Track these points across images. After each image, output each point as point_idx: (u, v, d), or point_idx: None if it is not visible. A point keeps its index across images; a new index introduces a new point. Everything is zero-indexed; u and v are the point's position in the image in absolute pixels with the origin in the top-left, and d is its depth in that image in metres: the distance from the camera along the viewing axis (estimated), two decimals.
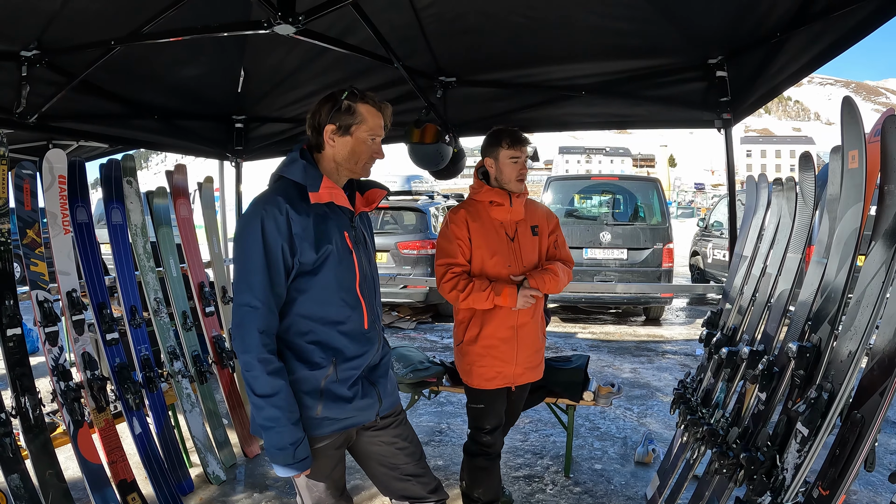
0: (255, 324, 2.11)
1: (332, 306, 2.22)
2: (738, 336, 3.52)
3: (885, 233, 2.25)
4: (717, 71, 3.89)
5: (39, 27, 3.28)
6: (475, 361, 3.29)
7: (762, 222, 3.66)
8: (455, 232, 3.27)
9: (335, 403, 2.23)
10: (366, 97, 2.23)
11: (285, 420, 2.11)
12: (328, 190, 2.20)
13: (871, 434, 2.13)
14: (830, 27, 3.01)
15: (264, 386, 2.10)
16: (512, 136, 3.24)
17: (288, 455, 2.13)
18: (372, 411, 2.35)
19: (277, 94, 4.73)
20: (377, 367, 2.39)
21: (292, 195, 2.18)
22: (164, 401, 3.99)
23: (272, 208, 2.12)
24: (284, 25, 2.84)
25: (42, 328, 3.28)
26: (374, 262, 2.46)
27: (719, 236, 11.89)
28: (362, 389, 2.30)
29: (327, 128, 2.21)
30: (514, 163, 3.23)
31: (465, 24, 3.84)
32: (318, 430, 2.24)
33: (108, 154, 5.87)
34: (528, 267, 3.29)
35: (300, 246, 2.13)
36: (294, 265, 2.15)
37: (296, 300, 2.20)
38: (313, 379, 2.20)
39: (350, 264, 2.25)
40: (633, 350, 8.32)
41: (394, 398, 2.48)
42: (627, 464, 4.51)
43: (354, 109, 2.20)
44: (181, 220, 4.58)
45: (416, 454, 2.50)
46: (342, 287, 2.23)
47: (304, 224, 2.14)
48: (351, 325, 2.26)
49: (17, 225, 3.28)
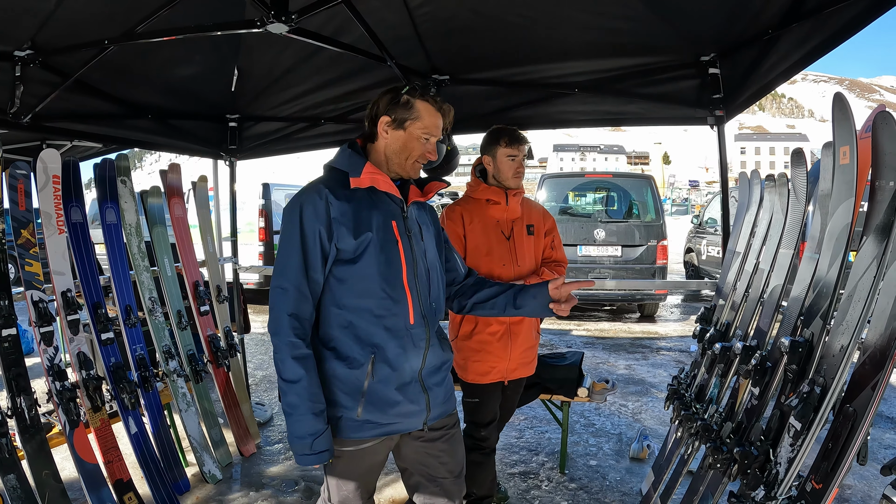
0: (285, 307, 2.10)
1: (372, 298, 2.16)
2: (732, 332, 3.54)
3: (876, 228, 2.26)
4: (709, 68, 3.90)
5: (33, 27, 3.27)
6: (469, 357, 3.31)
7: (755, 218, 3.67)
8: (450, 229, 3.29)
9: (377, 407, 2.17)
10: (427, 95, 2.22)
11: (305, 409, 2.08)
12: (370, 175, 2.17)
13: (864, 428, 2.14)
14: (822, 24, 3.02)
15: (288, 371, 2.09)
16: (510, 134, 3.29)
17: (305, 445, 2.10)
18: (418, 419, 2.26)
19: (271, 93, 4.72)
20: (434, 372, 2.29)
21: (335, 182, 2.19)
22: (160, 400, 3.99)
23: (313, 194, 2.13)
24: (277, 24, 2.85)
25: (37, 328, 3.27)
26: (435, 257, 2.37)
27: (713, 233, 11.92)
28: (410, 395, 2.22)
29: (382, 119, 2.22)
30: (512, 160, 3.28)
31: (458, 23, 3.84)
32: (359, 433, 2.19)
33: (102, 154, 5.87)
34: (522, 266, 3.31)
35: (337, 231, 2.11)
36: (332, 251, 2.13)
37: (336, 290, 2.17)
38: (354, 379, 2.15)
39: (396, 255, 2.18)
40: (628, 347, 8.34)
41: (446, 408, 2.37)
42: (622, 460, 4.54)
43: (412, 105, 2.20)
44: (175, 219, 4.58)
45: (456, 470, 2.43)
46: (384, 278, 2.16)
47: (344, 209, 2.12)
48: (393, 319, 2.18)
49: (12, 225, 3.27)
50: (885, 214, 2.23)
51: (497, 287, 2.50)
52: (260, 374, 6.90)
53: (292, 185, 12.41)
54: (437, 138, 2.26)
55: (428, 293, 2.28)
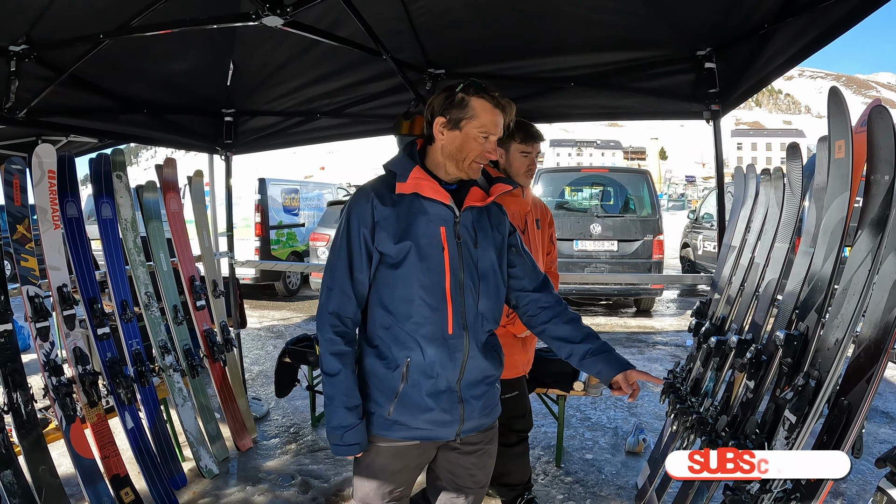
0: (329, 305, 2.15)
1: (410, 304, 2.14)
2: (727, 325, 3.55)
3: (871, 222, 2.27)
4: (705, 63, 3.90)
5: (28, 22, 3.26)
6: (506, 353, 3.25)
7: (750, 213, 3.68)
8: None
9: (408, 409, 2.17)
10: (483, 92, 2.13)
11: (339, 402, 2.12)
12: (415, 180, 2.14)
13: (858, 420, 2.15)
14: (817, 19, 3.03)
15: (327, 365, 2.14)
16: (525, 130, 3.19)
17: (337, 436, 2.14)
18: (450, 430, 2.23)
19: (267, 88, 4.71)
20: (474, 385, 2.24)
21: (384, 185, 2.18)
22: (156, 395, 3.98)
23: (361, 197, 2.15)
24: (272, 17, 2.85)
25: (33, 324, 3.27)
26: (489, 262, 2.26)
27: (709, 228, 11.95)
28: (445, 404, 2.19)
29: (437, 120, 2.16)
30: (525, 157, 3.21)
31: (453, 17, 3.84)
32: (389, 433, 2.20)
33: (98, 149, 5.84)
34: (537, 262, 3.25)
35: (378, 235, 2.12)
36: (375, 254, 2.14)
37: (381, 292, 2.17)
38: (390, 378, 2.16)
39: (439, 262, 2.14)
40: (624, 341, 8.36)
41: (483, 422, 2.32)
42: (618, 453, 4.55)
43: (467, 103, 2.12)
44: (171, 214, 4.57)
45: (483, 482, 2.43)
46: (422, 285, 2.13)
47: (387, 214, 2.12)
48: (431, 327, 2.14)
49: (7, 221, 3.26)
50: (880, 208, 2.24)
51: (574, 330, 2.35)
52: (256, 369, 6.90)
53: (288, 180, 12.42)
54: (498, 136, 2.17)
55: (475, 303, 2.22)
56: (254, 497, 3.89)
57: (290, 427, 5.06)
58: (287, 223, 11.80)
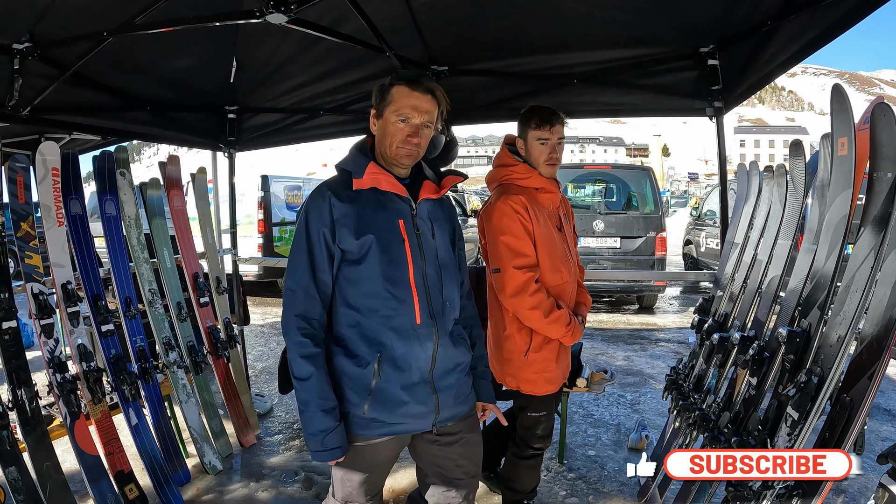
0: (293, 307, 2.15)
1: (377, 298, 2.16)
2: (730, 322, 3.55)
3: (873, 219, 2.28)
4: (708, 59, 3.90)
5: (31, 20, 3.26)
6: (544, 369, 3.08)
7: (753, 210, 3.68)
8: (524, 225, 2.93)
9: (383, 405, 2.18)
10: (402, 79, 2.18)
11: (315, 406, 2.12)
12: (372, 175, 2.17)
13: (861, 417, 2.16)
14: (820, 15, 3.03)
15: (298, 369, 2.13)
16: (540, 114, 2.99)
17: (317, 441, 2.13)
18: (426, 421, 2.25)
19: (270, 85, 4.72)
20: (446, 374, 2.27)
21: (340, 183, 2.20)
22: (160, 392, 3.99)
23: (317, 197, 2.16)
24: (276, 14, 2.85)
25: (37, 321, 3.28)
26: (448, 254, 2.33)
27: (712, 225, 11.92)
28: (419, 396, 2.21)
29: (371, 113, 2.24)
30: (543, 145, 2.99)
31: (456, 14, 3.84)
32: (365, 431, 2.20)
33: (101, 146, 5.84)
34: (574, 258, 3.17)
35: (339, 232, 2.13)
36: (336, 251, 2.16)
37: (345, 290, 2.19)
38: (361, 376, 2.16)
39: (401, 254, 2.17)
40: (627, 338, 8.36)
41: (459, 411, 2.34)
42: (621, 450, 4.55)
43: (387, 92, 2.19)
44: (175, 211, 4.58)
45: (472, 472, 2.43)
46: (388, 278, 2.15)
47: (346, 211, 2.14)
48: (399, 319, 2.17)
49: (11, 218, 3.27)
50: (883, 205, 2.24)
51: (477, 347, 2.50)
52: (260, 366, 6.92)
53: (291, 177, 12.40)
54: (419, 120, 2.17)
55: (439, 292, 2.25)
56: (257, 493, 3.90)
57: (293, 423, 5.07)
58: (290, 220, 11.79)
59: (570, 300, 3.14)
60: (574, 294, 3.20)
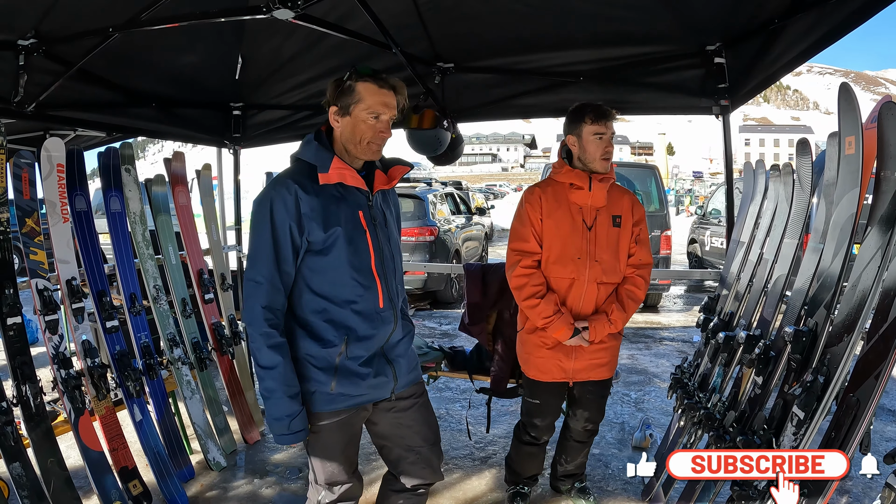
0: (258, 299, 2.20)
1: (344, 286, 2.26)
2: (735, 321, 3.54)
3: (881, 218, 2.26)
4: (714, 58, 3.89)
5: (37, 16, 3.26)
6: (532, 352, 3.22)
7: (759, 208, 3.67)
8: (529, 214, 3.12)
9: (349, 380, 2.29)
10: (367, 76, 2.24)
11: (281, 393, 2.20)
12: (338, 170, 2.23)
13: (867, 417, 2.15)
14: (827, 14, 3.01)
15: (264, 358, 2.19)
16: (596, 110, 3.07)
17: (283, 425, 2.22)
18: (386, 389, 2.39)
19: (275, 81, 4.71)
20: (396, 345, 2.41)
21: (304, 176, 2.24)
22: (165, 388, 4.00)
23: (282, 189, 2.20)
24: (283, 10, 2.85)
25: (42, 317, 3.28)
26: (396, 240, 2.47)
27: (717, 224, 11.90)
28: (377, 367, 2.34)
29: (331, 109, 2.29)
30: (600, 139, 3.05)
31: (462, 11, 3.83)
32: (333, 405, 2.30)
33: (106, 143, 5.85)
34: (601, 261, 3.09)
35: (308, 226, 2.19)
36: (303, 244, 2.22)
37: (310, 279, 2.26)
38: (327, 356, 2.26)
39: (364, 244, 2.28)
40: (631, 336, 8.34)
41: (412, 377, 2.50)
42: (625, 448, 4.54)
43: (353, 88, 2.23)
44: (180, 207, 4.58)
45: (431, 438, 2.54)
46: (354, 267, 2.26)
47: (313, 204, 2.20)
48: (364, 304, 2.28)
49: (16, 214, 3.27)
50: (890, 205, 2.23)
51: None
52: None
53: None
54: (389, 115, 2.26)
55: (394, 276, 2.40)
56: (261, 489, 3.91)
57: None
58: None
59: (578, 299, 3.13)
60: (590, 296, 3.14)
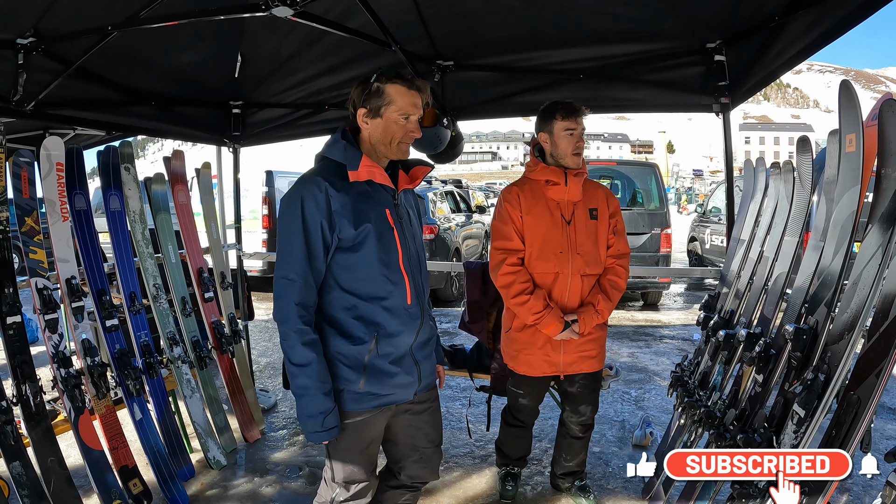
0: (292, 296, 2.21)
1: (374, 282, 2.29)
2: (736, 319, 3.54)
3: (881, 216, 2.26)
4: (715, 55, 3.88)
5: (36, 14, 3.26)
6: (522, 349, 3.30)
7: (759, 206, 3.66)
8: (509, 212, 3.21)
9: (377, 378, 2.31)
10: (396, 77, 2.27)
11: (315, 390, 2.22)
12: (367, 168, 2.27)
13: (868, 415, 2.15)
14: (828, 11, 3.00)
15: (298, 356, 2.22)
16: (567, 107, 3.15)
17: (317, 423, 2.23)
18: (410, 390, 2.41)
19: (275, 80, 4.71)
20: (423, 345, 2.45)
21: (333, 174, 2.27)
22: (165, 387, 4.00)
23: (312, 187, 2.22)
24: (282, 7, 2.85)
25: (42, 315, 3.28)
26: (420, 238, 2.51)
27: (717, 222, 11.89)
28: (405, 367, 2.37)
29: (359, 111, 2.29)
30: (570, 135, 3.13)
31: (462, 9, 3.83)
32: (360, 405, 2.32)
33: (105, 142, 5.85)
34: (582, 254, 3.19)
35: (339, 223, 2.22)
36: (333, 241, 2.24)
37: (339, 276, 2.29)
38: (356, 354, 2.28)
39: (391, 241, 2.31)
40: (631, 335, 8.34)
41: (431, 380, 2.54)
42: (625, 447, 4.54)
43: (383, 91, 2.26)
44: (179, 206, 4.58)
45: (437, 440, 2.59)
46: (383, 263, 2.29)
47: (343, 201, 2.23)
48: (393, 300, 2.32)
49: (16, 213, 3.27)
50: (891, 203, 2.22)
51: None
52: (264, 361, 6.92)
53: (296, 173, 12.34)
54: (417, 115, 2.31)
55: (419, 274, 2.44)
56: (261, 488, 3.91)
57: (297, 419, 5.07)
58: None
59: (563, 293, 3.22)
60: (575, 289, 3.24)
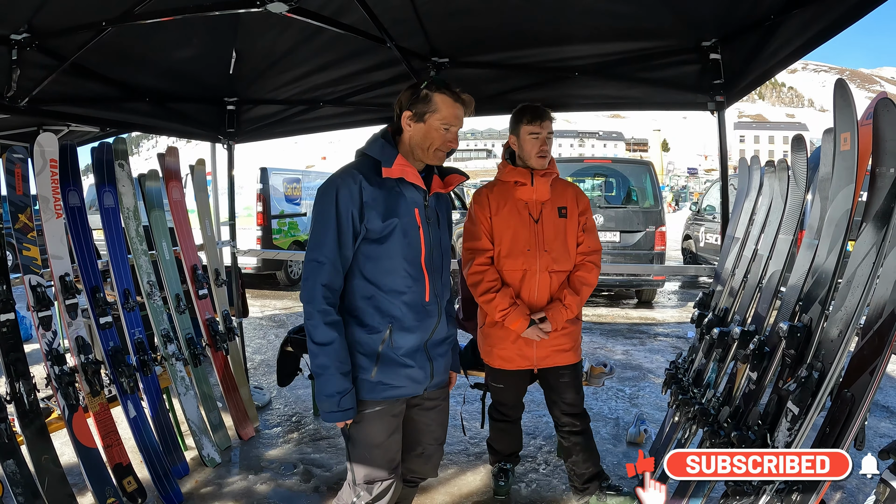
0: (320, 278, 2.32)
1: (395, 275, 2.40)
2: (730, 317, 3.55)
3: (875, 215, 2.27)
4: (710, 53, 3.89)
5: (30, 10, 3.24)
6: (496, 344, 3.37)
7: (754, 204, 3.67)
8: (478, 213, 3.32)
9: (389, 368, 2.41)
10: (444, 88, 2.39)
11: (334, 369, 2.30)
12: (401, 167, 2.38)
13: (861, 412, 2.16)
14: (824, 10, 3.01)
15: (321, 335, 2.31)
16: (533, 111, 3.25)
17: (333, 402, 2.31)
18: (421, 385, 2.50)
19: (270, 76, 4.70)
20: (438, 343, 2.54)
21: (368, 169, 2.39)
22: (159, 384, 3.99)
23: (348, 178, 2.35)
24: (277, 3, 2.85)
25: (35, 313, 3.27)
26: (447, 242, 2.60)
27: (711, 220, 11.93)
28: (418, 361, 2.46)
29: (405, 113, 2.42)
30: (535, 139, 3.23)
31: (458, 5, 3.82)
32: (373, 394, 2.41)
33: (100, 138, 5.83)
34: (551, 251, 3.27)
35: (368, 214, 2.33)
36: (361, 231, 2.35)
37: (363, 265, 2.39)
38: (371, 342, 2.39)
39: (416, 238, 2.42)
40: (626, 332, 8.36)
41: (443, 378, 2.62)
42: (619, 444, 4.55)
43: (430, 98, 2.38)
44: (173, 203, 4.56)
45: (441, 439, 2.71)
46: (406, 259, 2.40)
47: (375, 195, 2.34)
48: (412, 296, 2.42)
49: (9, 210, 3.26)
50: (885, 201, 2.23)
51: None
52: (258, 358, 6.91)
53: (290, 170, 12.39)
54: (458, 127, 2.43)
55: (440, 275, 2.53)
56: (256, 486, 3.90)
57: (291, 416, 5.07)
58: (289, 213, 11.79)
59: (532, 290, 3.30)
60: (543, 285, 3.31)
